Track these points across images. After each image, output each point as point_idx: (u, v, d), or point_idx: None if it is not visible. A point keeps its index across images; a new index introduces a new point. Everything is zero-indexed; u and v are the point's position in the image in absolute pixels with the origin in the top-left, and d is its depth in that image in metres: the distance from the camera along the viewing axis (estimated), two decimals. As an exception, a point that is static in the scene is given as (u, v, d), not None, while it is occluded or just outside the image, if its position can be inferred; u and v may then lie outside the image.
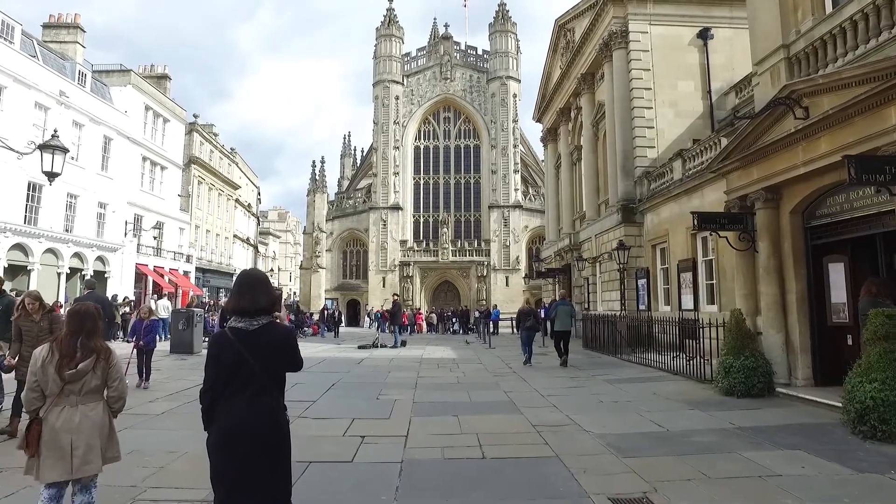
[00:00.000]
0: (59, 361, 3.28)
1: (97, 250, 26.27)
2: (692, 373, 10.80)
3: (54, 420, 3.25)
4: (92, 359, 3.38)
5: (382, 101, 50.61)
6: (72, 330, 3.46)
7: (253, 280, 2.89)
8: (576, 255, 23.64)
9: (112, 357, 3.53)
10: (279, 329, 2.83)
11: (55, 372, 3.26)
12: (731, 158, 9.82)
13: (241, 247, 48.05)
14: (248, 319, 2.72)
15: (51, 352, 3.32)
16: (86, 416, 3.31)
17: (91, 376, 3.37)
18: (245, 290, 2.80)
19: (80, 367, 3.33)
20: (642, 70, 19.49)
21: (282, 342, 2.79)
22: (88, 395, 3.36)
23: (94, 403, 3.38)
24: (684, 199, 15.76)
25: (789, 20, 9.52)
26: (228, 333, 2.72)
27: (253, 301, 2.74)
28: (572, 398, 9.03)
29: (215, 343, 2.84)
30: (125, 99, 28.81)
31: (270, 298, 2.82)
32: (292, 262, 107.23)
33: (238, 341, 2.66)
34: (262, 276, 3.04)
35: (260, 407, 2.67)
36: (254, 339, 2.68)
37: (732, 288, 13.45)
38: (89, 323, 3.49)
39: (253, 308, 2.73)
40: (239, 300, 2.77)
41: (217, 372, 2.70)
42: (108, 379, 3.45)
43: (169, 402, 8.45)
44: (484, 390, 10.00)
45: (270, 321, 2.77)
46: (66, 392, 3.31)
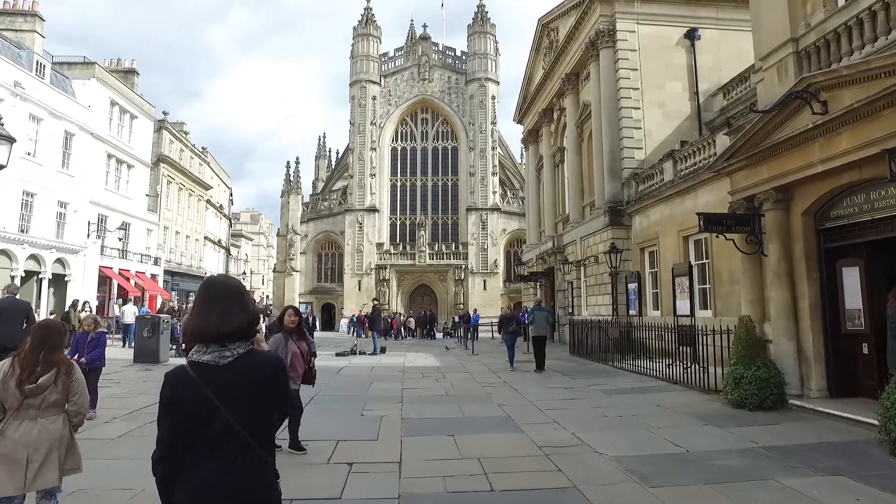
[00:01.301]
0: (19, 376, 3.27)
1: (56, 252, 24.77)
2: (692, 382, 10.29)
3: (12, 433, 3.25)
4: (53, 372, 3.38)
5: (359, 101, 49.63)
6: (35, 344, 3.44)
7: (223, 290, 1.99)
8: (560, 258, 23.14)
9: (73, 371, 3.53)
10: (262, 359, 1.97)
11: (15, 387, 3.26)
12: (737, 157, 9.33)
13: (213, 249, 46.49)
14: (218, 348, 1.88)
15: (12, 366, 3.31)
16: (45, 428, 3.32)
17: (52, 390, 3.37)
18: (212, 304, 1.94)
19: (40, 381, 3.34)
20: (630, 70, 19.11)
21: (268, 379, 1.94)
22: (48, 409, 3.37)
23: (53, 417, 3.39)
24: (676, 200, 15.35)
25: (797, 13, 9.09)
26: (189, 371, 1.86)
27: (223, 320, 1.90)
28: (573, 412, 8.38)
29: (170, 386, 1.88)
30: (89, 93, 27.36)
31: (248, 315, 1.98)
32: (265, 264, 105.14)
33: (204, 383, 1.83)
34: (235, 283, 2.09)
35: (241, 477, 1.83)
36: (227, 377, 1.86)
37: (728, 292, 13.08)
38: (53, 337, 3.51)
39: (224, 330, 1.89)
40: (203, 319, 1.91)
41: (174, 429, 1.85)
42: (69, 393, 3.45)
43: (127, 423, 7.51)
44: (476, 403, 9.29)
45: (249, 349, 1.95)
46: (25, 406, 3.31)
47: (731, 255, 12.84)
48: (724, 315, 12.93)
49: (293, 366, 5.84)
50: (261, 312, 28.50)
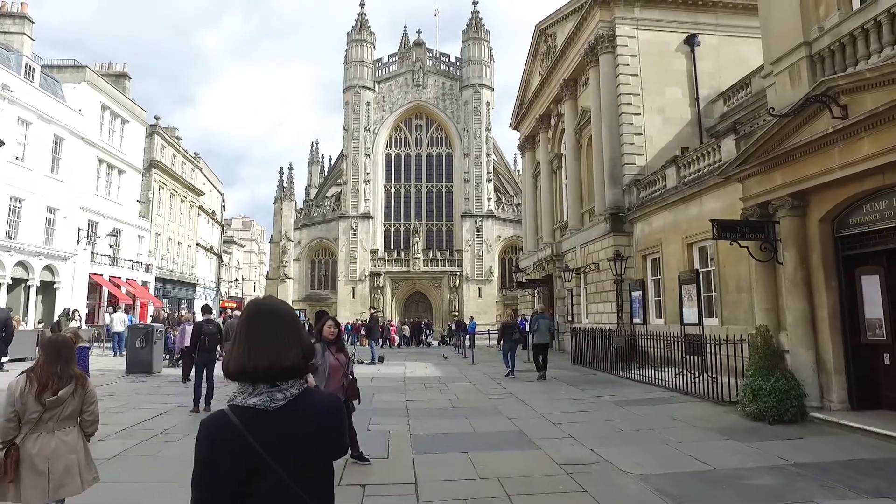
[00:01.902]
0: (37, 390, 3.38)
1: (45, 259, 24.22)
2: (704, 393, 10.05)
3: (31, 446, 3.36)
4: (71, 385, 3.51)
5: (353, 107, 49.40)
6: (50, 359, 3.57)
7: (273, 317, 1.63)
8: (559, 265, 22.92)
9: (87, 383, 3.68)
10: (321, 401, 1.62)
11: (34, 400, 3.36)
12: (750, 163, 9.14)
13: (205, 255, 45.90)
14: (268, 389, 1.53)
15: (28, 381, 3.41)
16: (62, 441, 3.44)
17: (69, 402, 3.50)
18: (260, 334, 1.58)
19: (60, 393, 3.46)
20: (630, 75, 18.99)
21: (328, 424, 1.59)
22: (64, 421, 3.49)
23: (69, 428, 3.51)
24: (680, 207, 15.17)
25: (810, 16, 8.93)
26: (232, 419, 1.50)
27: (275, 354, 1.55)
28: (587, 426, 8.10)
29: (209, 439, 1.50)
30: (79, 97, 26.87)
31: (304, 347, 1.63)
32: (256, 271, 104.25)
33: (252, 433, 1.48)
34: (287, 309, 1.71)
35: None
36: (280, 425, 1.51)
37: (735, 301, 12.89)
38: (66, 351, 3.65)
39: (276, 367, 1.54)
40: (250, 353, 1.55)
41: (215, 493, 1.48)
42: (84, 404, 3.59)
43: (123, 441, 7.14)
44: (484, 416, 8.98)
45: (304, 389, 1.60)
46: (44, 419, 3.42)
47: (738, 262, 12.68)
48: (731, 323, 12.74)
49: (332, 378, 5.63)
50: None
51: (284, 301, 1.80)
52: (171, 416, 8.93)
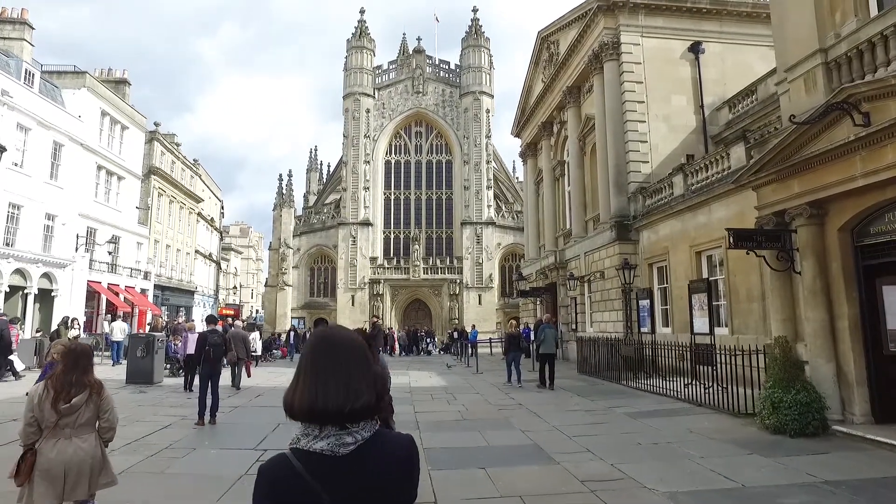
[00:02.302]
0: (53, 397, 3.50)
1: (43, 266, 23.95)
2: (718, 404, 9.87)
3: (49, 451, 3.48)
4: (85, 393, 3.62)
5: (353, 113, 49.32)
6: (67, 367, 3.69)
7: (343, 350, 1.45)
8: (564, 273, 22.77)
9: (103, 391, 3.78)
10: (395, 444, 1.44)
11: (51, 407, 3.49)
12: (766, 171, 9.01)
13: (203, 263, 45.62)
14: (337, 432, 1.35)
15: (46, 389, 3.54)
16: (79, 447, 3.55)
17: (84, 409, 3.61)
18: (328, 368, 1.40)
19: (73, 401, 3.58)
20: (635, 82, 18.93)
21: (402, 471, 1.41)
22: (81, 427, 3.60)
23: (86, 435, 3.63)
24: (687, 215, 15.05)
25: (826, 23, 8.84)
26: (295, 464, 1.33)
27: (347, 392, 1.37)
28: (603, 439, 7.91)
29: (270, 488, 1.33)
30: (79, 103, 26.71)
31: (376, 384, 1.45)
32: (254, 278, 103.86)
33: (319, 481, 1.30)
34: (357, 340, 1.51)
35: None
36: (351, 473, 1.33)
37: (746, 310, 12.74)
38: (83, 360, 3.78)
39: (348, 407, 1.35)
40: (317, 390, 1.36)
41: None
42: (100, 411, 3.71)
43: (127, 457, 6.91)
44: (498, 430, 8.78)
45: (376, 431, 1.42)
46: (61, 425, 3.54)
47: (748, 271, 12.55)
48: (741, 333, 12.60)
49: None
50: (257, 328, 27.56)
51: (349, 330, 1.62)
52: (176, 430, 8.70)
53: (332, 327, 1.58)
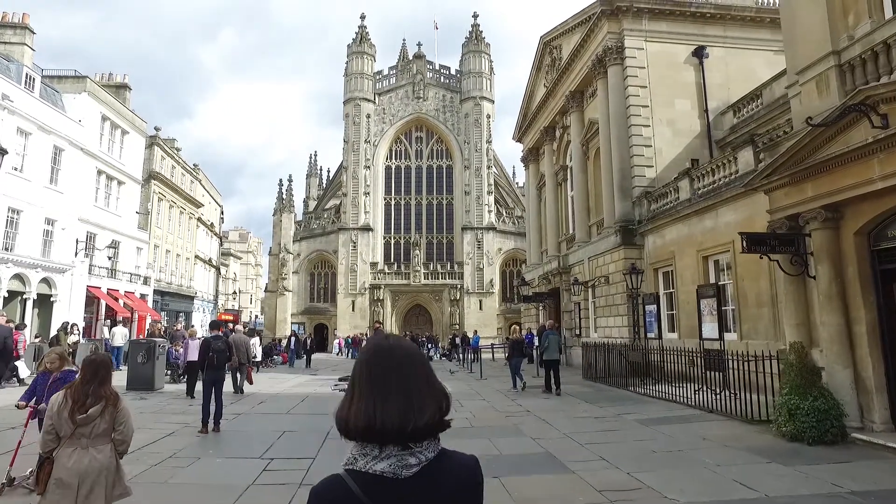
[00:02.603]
0: (71, 407, 3.56)
1: (42, 271, 23.75)
2: (730, 410, 9.72)
3: (65, 460, 3.53)
4: (101, 405, 3.66)
5: (353, 119, 49.25)
6: (86, 378, 3.75)
7: (403, 361, 1.31)
8: (568, 278, 22.63)
9: (119, 402, 3.82)
10: (460, 465, 1.32)
11: (68, 417, 3.55)
12: (779, 174, 8.90)
13: (203, 268, 45.41)
14: (399, 452, 1.23)
15: (65, 399, 3.60)
16: (94, 458, 3.58)
17: (100, 420, 3.64)
18: (389, 383, 1.27)
19: (89, 412, 3.62)
20: (639, 87, 18.87)
21: (469, 492, 1.30)
22: (97, 438, 3.64)
23: (102, 446, 3.65)
24: (694, 220, 14.93)
25: (838, 25, 8.75)
26: (353, 488, 1.21)
27: (409, 408, 1.24)
28: (617, 447, 7.75)
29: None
30: (80, 107, 26.58)
31: (438, 399, 1.30)
32: (253, 283, 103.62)
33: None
34: (417, 352, 1.38)
35: None
36: (413, 497, 1.22)
37: (755, 315, 12.59)
38: (102, 371, 3.82)
39: (410, 425, 1.23)
40: (376, 406, 1.24)
41: None
42: (115, 423, 3.73)
43: (130, 466, 6.62)
44: (507, 437, 8.62)
45: (440, 451, 1.29)
46: (77, 435, 3.59)
47: (757, 276, 12.43)
48: (750, 338, 12.45)
49: None
50: (257, 334, 27.35)
51: (407, 340, 1.47)
52: (179, 438, 8.52)
53: (389, 336, 1.44)
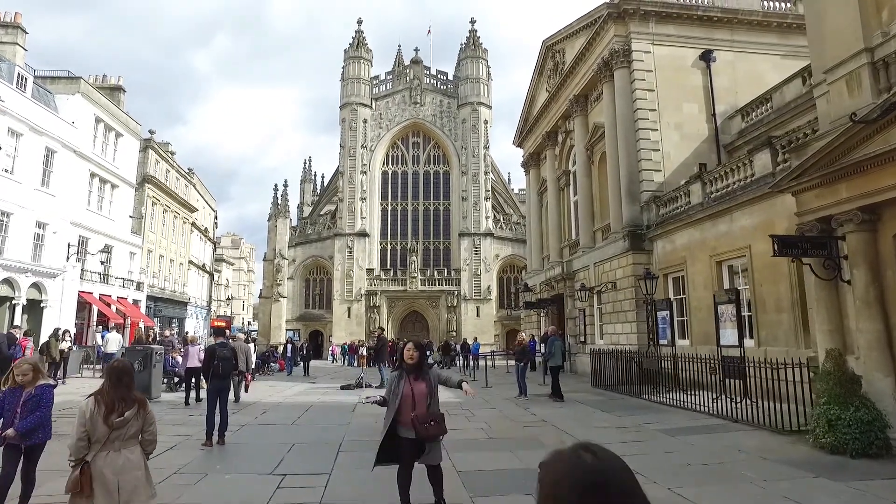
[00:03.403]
0: (105, 412, 3.65)
1: (33, 276, 23.10)
2: (754, 419, 9.36)
3: (101, 464, 3.63)
4: (135, 408, 3.81)
5: (350, 123, 48.88)
6: (113, 384, 3.84)
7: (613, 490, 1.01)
8: (572, 284, 22.30)
9: (147, 405, 3.98)
10: None
11: (103, 422, 3.64)
12: (809, 175, 8.58)
13: (197, 274, 44.71)
14: None
15: (97, 404, 3.68)
16: (128, 459, 3.71)
17: (133, 423, 3.78)
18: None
19: (126, 415, 3.74)
20: (646, 90, 18.64)
21: None
22: (129, 440, 3.77)
23: (133, 447, 3.79)
24: (707, 224, 14.64)
25: (871, 22, 8.48)
26: None
27: None
28: (648, 459, 7.34)
29: None
30: (73, 109, 26.03)
31: None
32: (245, 290, 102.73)
33: None
34: (624, 470, 1.09)
35: None
36: None
37: (774, 321, 12.27)
38: (126, 377, 3.94)
39: None
40: None
41: None
42: (145, 424, 3.89)
43: (135, 482, 6.23)
44: (530, 449, 8.18)
45: None
46: (111, 438, 3.69)
47: (776, 280, 12.12)
48: (769, 345, 12.13)
49: (401, 409, 5.02)
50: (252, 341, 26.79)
51: (609, 451, 1.07)
52: (182, 452, 8.03)
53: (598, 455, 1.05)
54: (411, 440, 4.99)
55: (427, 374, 5.27)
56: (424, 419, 4.99)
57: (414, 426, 4.95)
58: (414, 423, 4.95)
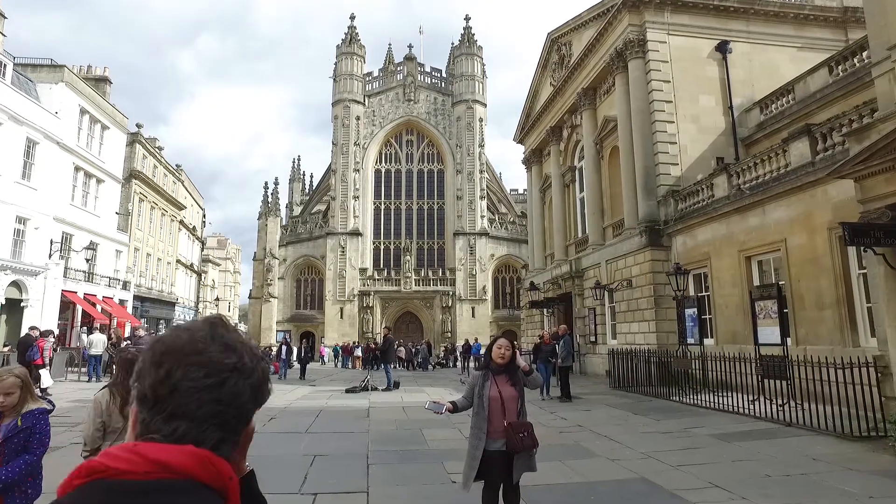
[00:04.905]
0: (120, 403, 3.52)
1: (12, 273, 21.82)
2: (810, 423, 8.66)
3: None
4: None
5: (342, 121, 47.86)
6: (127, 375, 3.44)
7: None
8: (581, 283, 21.60)
9: None
10: None
11: (119, 412, 3.52)
12: (879, 158, 7.91)
13: (184, 273, 43.35)
14: None
15: (112, 396, 3.58)
16: None
17: None
18: None
19: None
20: (662, 81, 18.02)
21: None
22: None
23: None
24: (735, 218, 14.00)
25: (943, -8, 7.85)
26: None
27: None
28: (717, 469, 6.58)
29: None
30: (56, 98, 24.76)
31: None
32: (231, 291, 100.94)
33: None
34: None
35: None
36: None
37: (815, 318, 11.62)
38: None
39: None
40: None
41: None
42: None
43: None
44: (580, 458, 7.39)
45: None
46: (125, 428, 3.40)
47: (817, 275, 11.48)
48: (809, 343, 11.47)
49: (492, 416, 4.20)
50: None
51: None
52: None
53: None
54: (502, 453, 4.18)
55: (518, 375, 4.47)
56: (519, 428, 4.19)
57: (507, 436, 4.14)
58: (508, 432, 4.14)
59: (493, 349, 4.51)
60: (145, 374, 0.88)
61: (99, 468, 0.78)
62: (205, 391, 0.86)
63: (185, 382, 0.85)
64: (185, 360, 0.87)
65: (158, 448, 0.80)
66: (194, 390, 0.85)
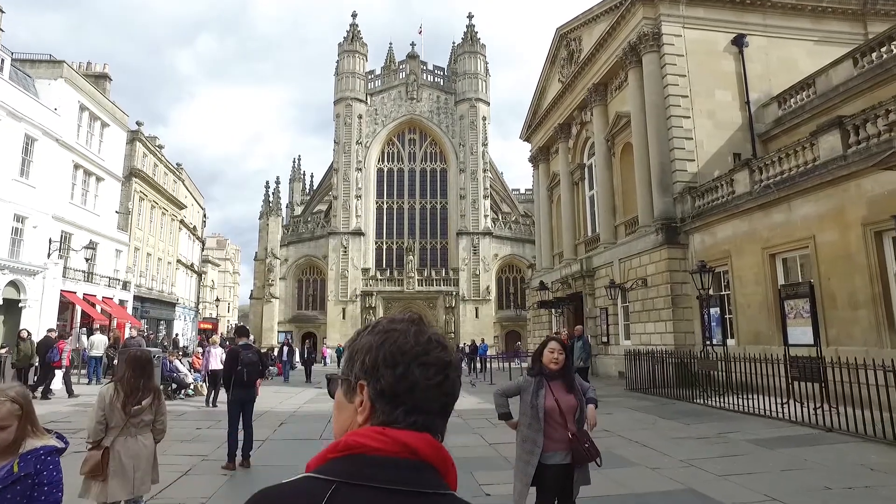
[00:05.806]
0: (124, 399, 3.81)
1: (10, 273, 21.29)
2: (856, 429, 8.23)
3: (120, 448, 3.84)
4: (151, 397, 4.04)
5: (344, 119, 47.39)
6: (135, 373, 3.99)
7: None
8: (592, 282, 21.15)
9: (161, 395, 4.26)
10: None
11: (121, 408, 3.80)
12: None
13: (185, 273, 42.83)
14: None
15: (116, 391, 3.84)
16: (143, 445, 3.97)
17: (148, 411, 4.02)
18: None
19: (143, 402, 3.97)
20: (678, 76, 17.59)
21: None
22: (143, 427, 4.00)
23: (147, 434, 4.04)
24: (758, 214, 13.56)
25: None
26: None
27: None
28: (767, 479, 6.13)
29: None
30: (55, 95, 24.25)
31: None
32: (230, 291, 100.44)
33: None
34: None
35: None
36: None
37: (848, 318, 11.16)
38: (148, 367, 4.13)
39: None
40: None
41: None
42: (157, 414, 4.12)
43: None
44: (617, 466, 6.93)
45: None
46: (129, 425, 3.90)
47: (850, 273, 11.03)
48: (841, 344, 11.00)
49: (547, 430, 3.77)
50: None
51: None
52: (201, 478, 6.63)
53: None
54: (561, 466, 3.74)
55: (576, 381, 4.01)
56: (584, 439, 3.76)
57: (572, 447, 3.70)
58: (573, 443, 3.70)
59: (545, 353, 4.05)
60: (382, 374, 0.96)
61: (355, 445, 0.89)
62: (436, 387, 0.96)
63: (424, 381, 0.95)
64: (418, 360, 0.96)
65: (406, 434, 0.91)
66: (430, 387, 0.96)
